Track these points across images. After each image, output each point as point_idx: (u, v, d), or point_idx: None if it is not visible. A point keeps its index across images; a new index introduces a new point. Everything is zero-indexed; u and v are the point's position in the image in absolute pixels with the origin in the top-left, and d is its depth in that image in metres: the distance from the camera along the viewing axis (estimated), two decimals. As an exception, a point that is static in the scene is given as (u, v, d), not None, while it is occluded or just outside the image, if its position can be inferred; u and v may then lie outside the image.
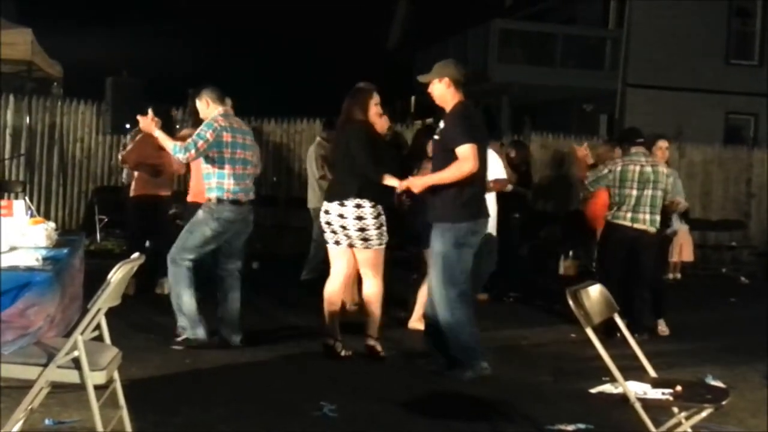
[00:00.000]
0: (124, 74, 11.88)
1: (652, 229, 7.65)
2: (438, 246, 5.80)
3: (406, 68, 24.49)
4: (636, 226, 7.62)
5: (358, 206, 6.06)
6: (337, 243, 6.23)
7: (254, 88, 17.96)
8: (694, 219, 12.71)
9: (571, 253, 12.04)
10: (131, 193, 8.53)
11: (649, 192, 7.60)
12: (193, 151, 6.21)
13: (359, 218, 6.07)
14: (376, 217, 6.10)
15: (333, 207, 6.14)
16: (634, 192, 7.60)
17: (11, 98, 12.15)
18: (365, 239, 6.12)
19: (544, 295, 9.49)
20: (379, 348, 6.35)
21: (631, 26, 19.02)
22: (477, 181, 5.79)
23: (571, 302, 3.89)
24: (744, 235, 14.69)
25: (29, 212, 4.73)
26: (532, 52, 20.69)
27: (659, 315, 8.00)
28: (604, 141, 11.08)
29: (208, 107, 6.46)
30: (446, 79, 5.85)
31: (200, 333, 6.37)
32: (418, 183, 5.96)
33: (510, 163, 10.09)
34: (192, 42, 26.89)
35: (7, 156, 12.08)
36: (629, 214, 7.62)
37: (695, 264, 12.68)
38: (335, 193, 6.21)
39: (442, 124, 5.88)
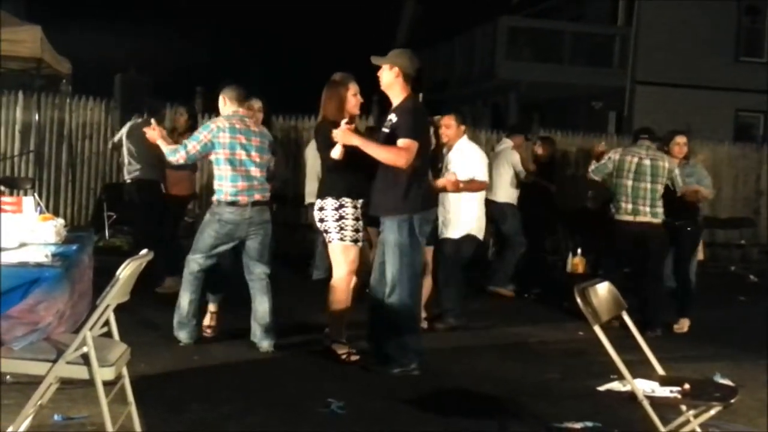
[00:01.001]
0: (132, 71, 11.88)
1: (656, 221, 7.70)
2: (395, 238, 5.82)
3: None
4: (638, 219, 7.69)
5: (321, 203, 6.14)
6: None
7: (262, 85, 17.96)
8: (703, 217, 12.66)
9: (579, 250, 12.01)
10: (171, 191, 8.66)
11: (647, 185, 7.69)
12: (183, 153, 6.25)
13: (321, 209, 6.12)
14: (336, 209, 6.06)
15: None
16: (630, 183, 7.70)
17: (20, 95, 12.17)
18: (326, 231, 6.14)
19: (552, 292, 9.47)
20: (338, 350, 6.14)
21: (639, 23, 18.98)
22: (422, 174, 5.93)
23: (579, 300, 3.89)
24: (753, 233, 14.64)
25: (38, 209, 4.74)
26: (539, 50, 20.66)
27: (682, 313, 7.98)
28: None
29: (225, 105, 6.45)
30: (396, 69, 5.85)
31: (181, 335, 6.42)
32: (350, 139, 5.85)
33: (536, 159, 10.23)
34: (201, 39, 26.92)
35: (16, 153, 12.11)
36: (630, 206, 7.70)
37: (704, 262, 12.63)
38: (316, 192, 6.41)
39: (393, 118, 5.87)
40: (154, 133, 6.38)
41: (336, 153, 5.91)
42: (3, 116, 12.08)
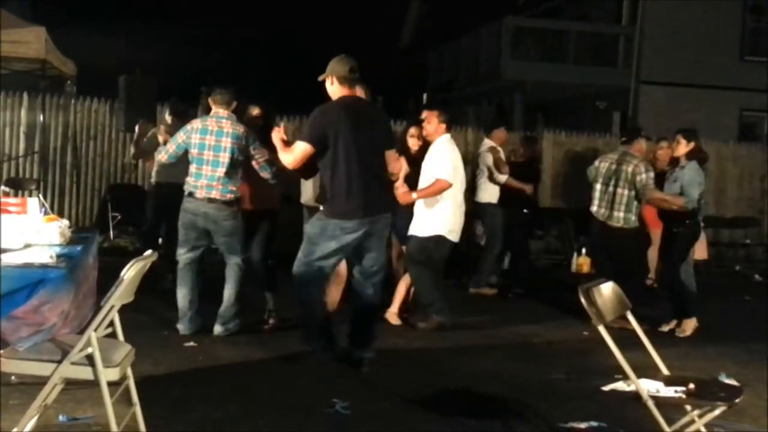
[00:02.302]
0: (137, 72, 11.91)
1: (618, 225, 7.89)
2: (308, 227, 6.02)
3: (419, 67, 24.49)
4: (608, 222, 7.94)
5: None
6: None
7: (266, 86, 17.98)
8: (707, 216, 12.65)
9: (583, 250, 12.01)
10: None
11: (611, 189, 7.88)
12: (163, 152, 6.90)
13: None
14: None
15: None
16: (599, 186, 8.00)
17: (25, 96, 12.19)
18: None
19: (557, 292, 9.47)
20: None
21: (644, 23, 18.94)
22: (340, 181, 5.71)
23: (583, 300, 3.88)
24: (758, 233, 14.61)
25: (43, 210, 4.75)
26: (545, 50, 20.65)
27: (681, 316, 7.90)
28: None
29: (213, 107, 6.80)
30: (330, 77, 5.86)
31: (181, 327, 6.77)
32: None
33: (509, 160, 10.05)
34: (205, 40, 26.95)
35: (21, 154, 12.13)
36: (601, 210, 7.98)
37: (709, 261, 12.62)
38: None
39: None
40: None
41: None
42: (8, 117, 12.10)
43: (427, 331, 7.32)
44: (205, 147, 6.62)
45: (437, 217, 7.39)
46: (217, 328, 6.76)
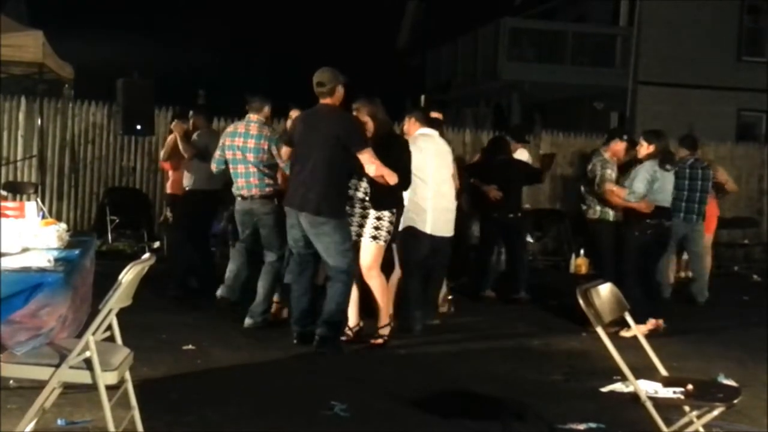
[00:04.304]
0: (134, 76, 11.91)
1: (593, 217, 8.35)
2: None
3: (416, 68, 24.44)
4: (586, 215, 8.48)
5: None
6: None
7: (264, 88, 17.94)
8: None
9: (582, 251, 12.01)
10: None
11: (582, 185, 8.54)
12: (212, 161, 7.52)
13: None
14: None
15: None
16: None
17: (23, 100, 12.19)
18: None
19: (555, 293, 9.47)
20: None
21: (641, 23, 18.96)
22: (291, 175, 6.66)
23: (581, 301, 3.89)
24: (756, 233, 14.60)
25: (41, 213, 4.75)
26: (542, 50, 20.66)
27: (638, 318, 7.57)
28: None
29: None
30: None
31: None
32: None
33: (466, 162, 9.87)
34: (203, 43, 26.94)
35: (19, 158, 12.13)
36: (582, 206, 8.56)
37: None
38: None
39: None
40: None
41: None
42: (6, 121, 12.10)
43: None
44: (227, 148, 7.24)
45: (405, 212, 7.20)
46: (247, 321, 7.09)
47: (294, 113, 7.45)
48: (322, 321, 6.40)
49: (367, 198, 6.64)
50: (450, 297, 8.40)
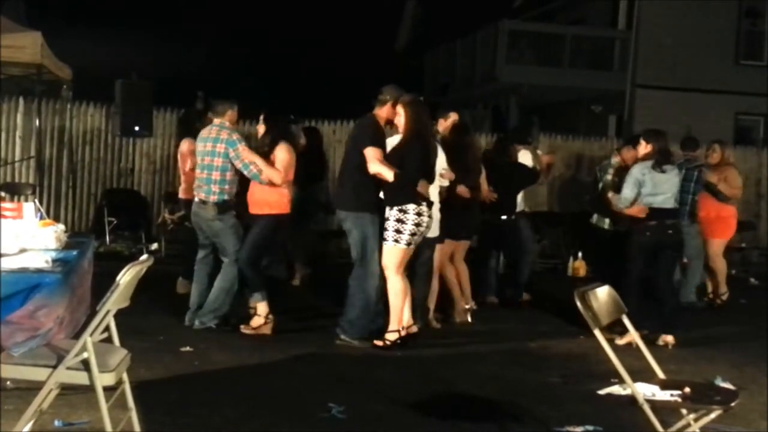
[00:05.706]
0: (133, 77, 11.92)
1: (599, 225, 8.68)
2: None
3: (415, 70, 24.46)
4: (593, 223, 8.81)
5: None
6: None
7: (262, 90, 18.00)
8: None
9: (579, 254, 12.02)
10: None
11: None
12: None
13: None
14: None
15: None
16: None
17: (21, 101, 12.19)
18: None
19: (553, 296, 9.46)
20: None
21: (640, 27, 18.98)
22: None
23: (579, 303, 3.89)
24: (754, 237, 14.61)
25: (39, 214, 4.75)
26: (540, 53, 20.66)
27: (660, 328, 7.42)
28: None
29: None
30: None
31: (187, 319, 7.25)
32: None
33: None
34: (201, 44, 26.92)
35: (17, 158, 12.12)
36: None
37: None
38: None
39: None
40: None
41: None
42: (4, 122, 12.10)
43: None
44: (202, 153, 7.15)
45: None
46: (195, 322, 7.11)
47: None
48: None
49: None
50: (467, 306, 8.21)
